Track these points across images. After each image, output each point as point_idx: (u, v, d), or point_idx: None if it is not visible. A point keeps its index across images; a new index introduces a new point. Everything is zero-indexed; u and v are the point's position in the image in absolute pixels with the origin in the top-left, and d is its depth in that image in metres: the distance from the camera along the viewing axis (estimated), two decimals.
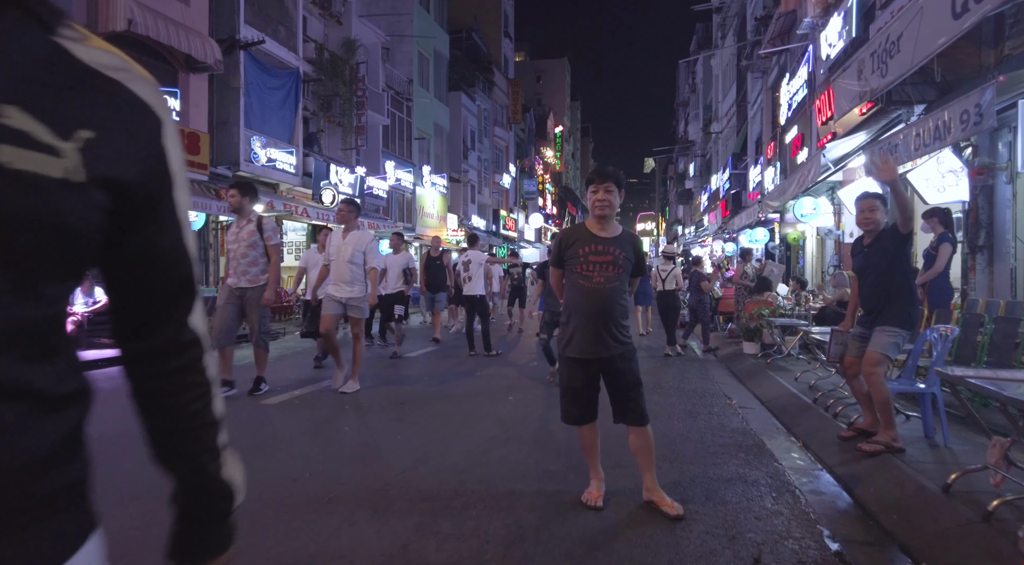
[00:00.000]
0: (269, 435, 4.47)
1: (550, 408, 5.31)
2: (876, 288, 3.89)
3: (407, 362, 8.26)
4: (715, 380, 7.15)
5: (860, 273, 4.11)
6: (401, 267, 9.11)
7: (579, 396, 3.11)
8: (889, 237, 3.88)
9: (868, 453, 3.65)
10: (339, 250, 5.95)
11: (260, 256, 5.63)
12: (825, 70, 11.00)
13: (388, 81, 22.25)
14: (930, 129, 6.08)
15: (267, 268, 5.69)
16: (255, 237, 5.59)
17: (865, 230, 4.02)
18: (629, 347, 3.11)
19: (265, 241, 5.66)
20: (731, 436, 4.56)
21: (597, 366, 3.07)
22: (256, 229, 5.63)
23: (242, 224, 5.65)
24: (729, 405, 5.73)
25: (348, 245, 5.94)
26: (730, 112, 26.34)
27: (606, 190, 3.09)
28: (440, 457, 3.91)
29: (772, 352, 8.20)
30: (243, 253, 5.57)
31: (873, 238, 3.98)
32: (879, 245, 3.93)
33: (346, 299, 5.91)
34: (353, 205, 6.14)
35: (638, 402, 3.07)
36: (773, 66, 17.17)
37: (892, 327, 3.78)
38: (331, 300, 5.98)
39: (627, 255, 3.11)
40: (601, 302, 3.03)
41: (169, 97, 12.06)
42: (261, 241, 5.63)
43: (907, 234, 3.84)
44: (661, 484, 3.17)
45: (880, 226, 3.98)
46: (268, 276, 5.68)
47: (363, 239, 6.00)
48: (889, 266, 3.85)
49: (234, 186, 5.77)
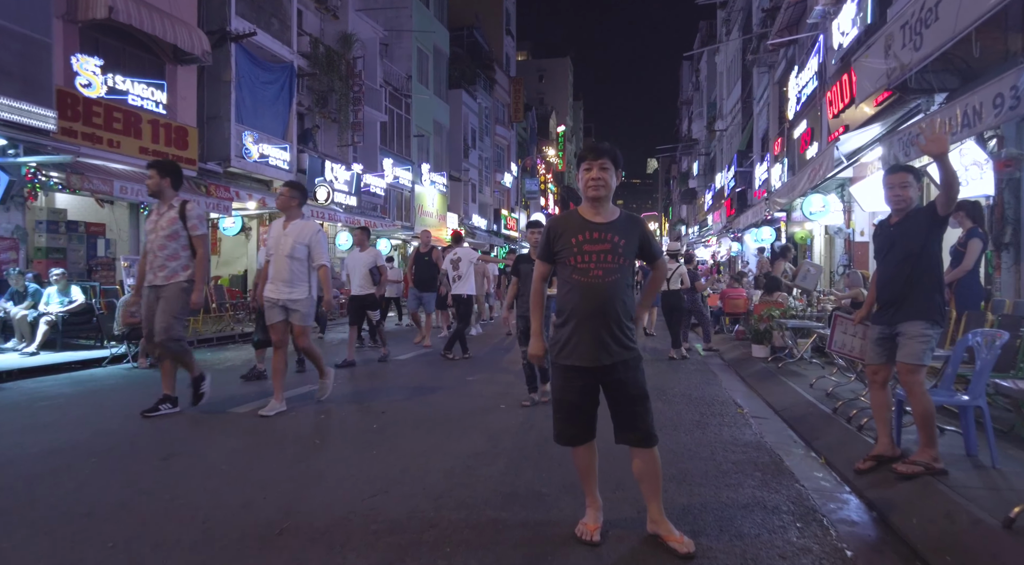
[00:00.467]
0: (226, 452, 4.02)
1: (546, 417, 4.85)
2: (900, 273, 3.40)
3: (392, 369, 7.80)
4: (724, 386, 6.69)
5: (882, 256, 3.60)
6: (367, 266, 7.99)
7: (575, 412, 2.65)
8: (924, 217, 3.40)
9: (904, 475, 3.18)
10: (278, 243, 5.06)
11: (182, 249, 4.82)
12: (837, 60, 10.54)
13: (386, 77, 21.82)
14: (957, 116, 5.61)
15: (190, 263, 4.87)
16: (176, 226, 4.78)
17: (895, 208, 3.53)
18: (635, 353, 2.66)
19: (189, 231, 4.83)
20: (744, 451, 4.10)
21: (597, 375, 2.62)
22: (178, 216, 4.81)
23: (162, 211, 4.85)
24: (740, 415, 5.27)
25: (288, 237, 5.04)
26: (735, 109, 25.86)
27: (600, 167, 2.64)
28: (416, 478, 3.46)
29: (783, 355, 7.73)
30: (161, 244, 4.76)
31: (903, 217, 3.50)
32: (909, 225, 3.44)
33: (285, 301, 5.00)
34: (296, 189, 5.25)
35: (645, 419, 2.61)
36: (780, 60, 16.69)
37: (918, 321, 3.31)
38: (270, 305, 5.06)
39: (628, 242, 2.66)
40: (601, 299, 2.58)
41: (155, 89, 11.67)
42: (184, 231, 4.82)
43: (944, 217, 3.36)
44: (667, 509, 2.72)
45: (912, 204, 3.48)
46: (191, 273, 4.86)
47: (306, 230, 5.08)
48: (919, 248, 3.36)
49: (152, 166, 4.93)
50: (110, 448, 4.02)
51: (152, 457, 3.82)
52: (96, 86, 10.34)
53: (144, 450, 3.99)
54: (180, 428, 4.55)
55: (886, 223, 3.65)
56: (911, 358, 3.29)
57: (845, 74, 9.65)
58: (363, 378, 6.93)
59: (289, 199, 5.17)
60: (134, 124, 11.07)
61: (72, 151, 9.50)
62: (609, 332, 2.59)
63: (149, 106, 11.47)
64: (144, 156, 11.24)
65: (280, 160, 15.47)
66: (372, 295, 7.94)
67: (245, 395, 5.75)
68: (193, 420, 4.77)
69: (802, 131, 13.32)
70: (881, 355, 3.54)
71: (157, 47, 11.95)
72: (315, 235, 5.09)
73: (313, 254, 5.08)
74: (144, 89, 11.40)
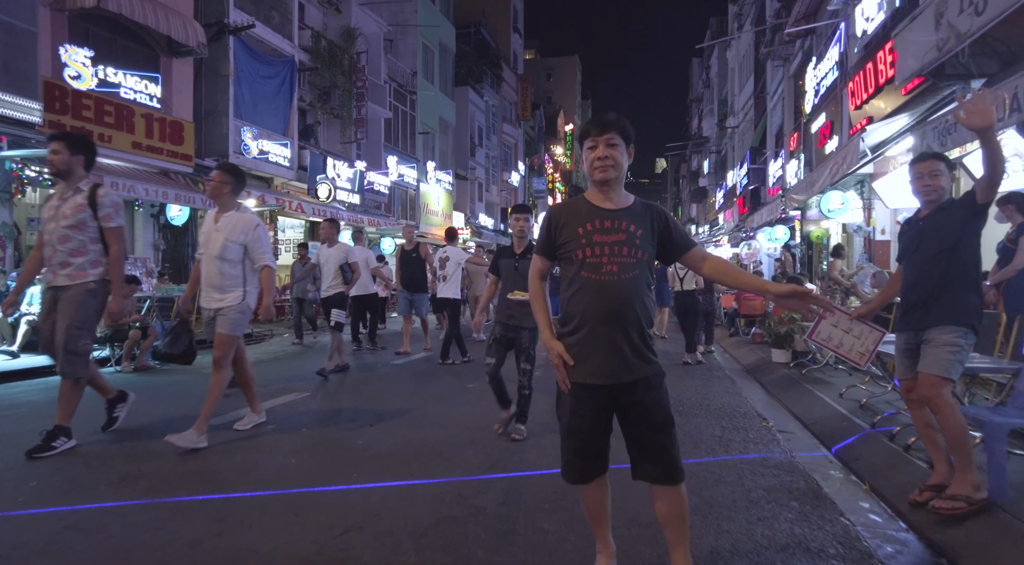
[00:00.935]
0: (183, 474, 3.58)
1: (550, 431, 4.39)
2: (930, 272, 2.95)
3: (387, 375, 7.36)
4: (744, 395, 6.19)
5: (908, 254, 3.14)
6: (336, 263, 7.10)
7: (586, 441, 2.17)
8: (959, 207, 2.93)
9: (949, 514, 2.70)
10: (208, 240, 4.16)
11: (91, 242, 3.86)
12: (860, 48, 10.00)
13: (391, 73, 21.42)
14: (1005, 99, 5.10)
15: (101, 260, 3.90)
16: (84, 214, 3.81)
17: (924, 200, 3.06)
18: (657, 368, 2.18)
19: (101, 221, 3.85)
20: (775, 474, 3.61)
21: (613, 396, 2.15)
22: (87, 203, 3.82)
23: (66, 195, 3.87)
24: (766, 428, 4.77)
25: (219, 233, 4.11)
26: (747, 105, 25.27)
27: (607, 144, 2.15)
28: (398, 509, 2.99)
29: (806, 361, 7.22)
30: (63, 236, 3.80)
31: (934, 209, 3.03)
32: (941, 217, 2.98)
33: (215, 312, 4.14)
34: (229, 173, 4.24)
35: (670, 451, 2.13)
36: (796, 52, 16.12)
37: (949, 326, 2.85)
38: (207, 317, 4.23)
39: (645, 232, 2.18)
40: (617, 300, 2.10)
41: (149, 82, 11.29)
42: (94, 221, 3.85)
43: (984, 206, 2.88)
44: (693, 553, 2.25)
45: (944, 195, 3.03)
46: (102, 271, 3.89)
47: (242, 225, 4.12)
48: (952, 242, 2.90)
49: (59, 138, 3.92)
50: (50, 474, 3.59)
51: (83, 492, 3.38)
52: (86, 78, 9.96)
53: (77, 484, 3.56)
54: (122, 455, 4.10)
55: (914, 218, 3.19)
56: (935, 369, 2.84)
57: (870, 62, 9.12)
58: (355, 386, 6.49)
59: (220, 185, 4.18)
60: (126, 118, 10.69)
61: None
62: (628, 341, 2.12)
63: (143, 100, 11.10)
64: (137, 152, 10.89)
65: (280, 157, 15.08)
66: (341, 294, 7.07)
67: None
68: (131, 450, 4.34)
69: (820, 125, 12.77)
70: (911, 368, 3.07)
71: (151, 38, 11.57)
72: (252, 231, 4.15)
73: (252, 254, 4.16)
74: (137, 82, 11.02)
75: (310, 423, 4.72)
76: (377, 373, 7.19)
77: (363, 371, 7.35)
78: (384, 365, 7.76)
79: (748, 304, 10.86)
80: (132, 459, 3.73)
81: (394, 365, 7.78)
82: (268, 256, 4.23)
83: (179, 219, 12.36)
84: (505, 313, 4.35)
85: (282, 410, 5.13)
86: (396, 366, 7.72)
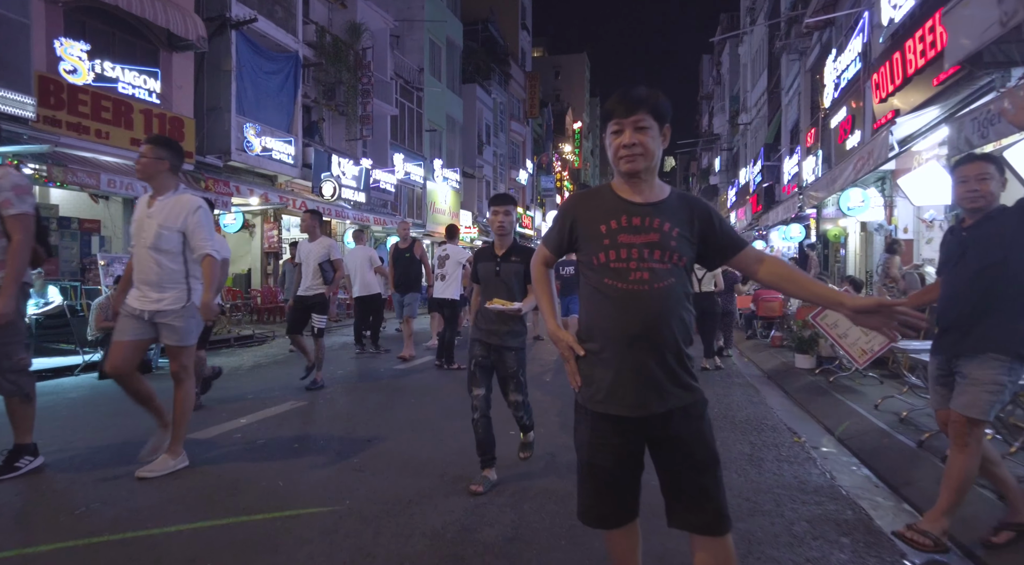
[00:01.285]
0: (156, 502, 3.22)
1: (565, 449, 4.01)
2: (972, 289, 2.57)
3: (386, 383, 7.00)
4: (768, 404, 5.79)
5: (948, 267, 2.75)
6: (316, 260, 6.18)
7: (609, 481, 1.80)
8: (1012, 217, 2.55)
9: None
10: (139, 229, 3.49)
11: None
12: (886, 38, 9.53)
13: (397, 69, 21.09)
14: None
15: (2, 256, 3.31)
16: None
17: (969, 207, 2.65)
18: (698, 394, 1.80)
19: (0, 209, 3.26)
20: (817, 501, 3.22)
21: (644, 429, 1.77)
22: None
23: None
24: (798, 444, 4.38)
25: (152, 220, 3.44)
26: (760, 101, 24.76)
27: (636, 127, 1.74)
28: (394, 546, 2.63)
29: (833, 367, 6.80)
30: None
31: (980, 218, 2.63)
32: (989, 227, 2.59)
33: (152, 314, 3.43)
34: (163, 147, 3.51)
35: (714, 495, 1.75)
36: (813, 45, 15.64)
37: (991, 356, 2.49)
38: (127, 316, 3.48)
39: (683, 231, 1.79)
40: (649, 315, 1.72)
41: (148, 77, 11.00)
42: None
43: None
44: None
45: (993, 202, 2.62)
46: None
47: (179, 208, 3.46)
48: (1000, 257, 2.52)
49: None
50: None
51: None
52: (82, 72, 9.67)
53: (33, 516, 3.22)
54: (94, 478, 3.75)
55: (958, 227, 2.78)
56: (972, 411, 2.50)
57: (897, 52, 8.67)
58: (354, 396, 6.13)
59: (154, 162, 3.45)
60: (124, 114, 10.40)
61: (51, 140, 8.83)
62: (662, 365, 1.74)
63: (141, 95, 10.80)
64: (136, 148, 10.55)
65: (284, 154, 14.78)
66: (321, 295, 6.15)
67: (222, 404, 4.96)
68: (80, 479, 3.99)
69: (841, 119, 12.30)
70: (946, 398, 2.71)
71: (150, 32, 11.28)
72: (192, 214, 3.46)
73: (192, 242, 3.46)
74: (136, 77, 10.72)
75: (302, 439, 4.36)
76: (379, 382, 6.83)
77: (365, 378, 7.00)
78: (387, 371, 7.40)
79: (766, 305, 10.42)
80: (105, 480, 3.38)
81: (396, 370, 7.42)
82: (210, 244, 3.49)
83: None
84: (484, 328, 3.39)
85: (274, 422, 4.79)
86: (398, 372, 7.36)
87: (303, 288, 6.24)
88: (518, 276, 3.40)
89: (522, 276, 3.39)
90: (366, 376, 7.01)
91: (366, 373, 7.21)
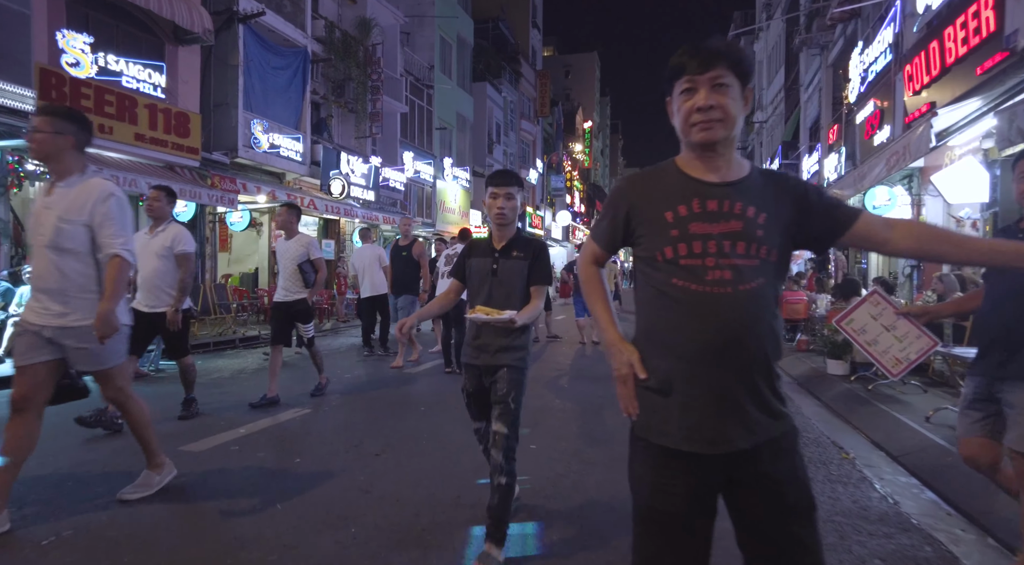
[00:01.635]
0: (135, 528, 2.88)
1: (593, 466, 3.64)
2: (1021, 301, 2.20)
3: (395, 394, 6.66)
4: (805, 414, 5.39)
5: (995, 274, 2.38)
6: (295, 260, 5.45)
7: (676, 532, 1.43)
8: None
9: None
10: (36, 223, 2.78)
11: None
12: (920, 27, 9.09)
13: (407, 66, 20.78)
14: None
15: None
16: None
17: None
18: (788, 423, 1.45)
19: None
20: (886, 532, 2.83)
21: (722, 467, 1.40)
22: None
23: None
24: (847, 461, 3.98)
25: (51, 211, 2.74)
26: (777, 98, 24.25)
27: (713, 84, 1.38)
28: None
29: (870, 374, 6.38)
30: None
31: None
32: None
33: (55, 331, 2.72)
34: (64, 119, 2.78)
35: (813, 548, 1.38)
36: (836, 39, 15.15)
37: None
38: (26, 331, 2.74)
39: (771, 216, 1.41)
40: (732, 325, 1.36)
41: (153, 71, 10.73)
42: None
43: None
44: None
45: None
46: None
47: (84, 196, 2.75)
48: None
49: None
50: None
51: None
52: (85, 65, 9.40)
53: None
54: (73, 500, 3.42)
55: (1013, 228, 2.40)
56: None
57: (934, 41, 8.23)
58: (358, 403, 5.79)
59: (53, 137, 2.72)
60: (129, 108, 10.12)
61: None
62: (749, 388, 1.38)
63: (146, 89, 10.53)
64: (140, 144, 10.33)
65: (292, 151, 14.49)
66: (303, 301, 5.46)
67: (176, 435, 4.63)
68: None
69: (868, 114, 11.83)
70: (978, 424, 2.36)
71: (155, 25, 11.01)
72: (101, 203, 2.75)
73: (99, 237, 2.75)
74: (140, 70, 10.46)
75: (304, 453, 4.02)
76: (387, 389, 6.48)
77: (372, 383, 6.65)
78: (395, 375, 7.06)
79: (790, 307, 10.01)
80: (82, 502, 3.05)
81: (405, 375, 7.08)
82: (120, 241, 2.75)
83: (184, 215, 11.79)
84: (471, 345, 2.62)
85: (274, 433, 4.45)
86: (406, 377, 7.01)
87: (280, 293, 5.52)
88: (521, 276, 2.60)
89: (526, 277, 2.61)
90: (374, 381, 6.67)
91: (374, 378, 6.87)
